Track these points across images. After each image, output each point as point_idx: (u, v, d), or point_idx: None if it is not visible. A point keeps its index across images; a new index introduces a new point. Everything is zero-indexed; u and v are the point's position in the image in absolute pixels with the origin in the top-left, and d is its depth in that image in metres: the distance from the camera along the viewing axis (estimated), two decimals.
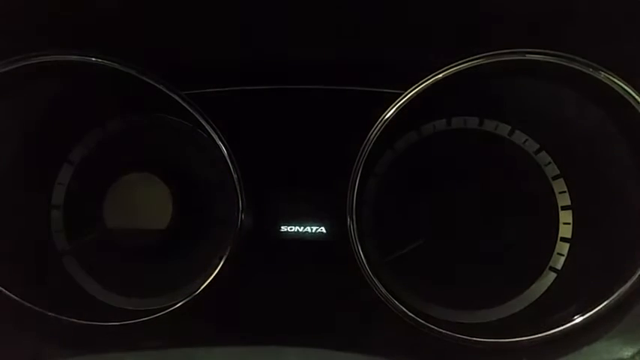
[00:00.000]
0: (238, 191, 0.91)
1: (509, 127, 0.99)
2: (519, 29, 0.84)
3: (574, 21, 0.82)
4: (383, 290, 0.88)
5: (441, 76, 0.85)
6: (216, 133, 0.90)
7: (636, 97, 0.81)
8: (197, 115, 0.89)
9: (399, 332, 0.89)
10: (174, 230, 0.95)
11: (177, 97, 0.89)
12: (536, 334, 0.85)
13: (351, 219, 0.89)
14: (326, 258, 0.98)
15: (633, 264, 0.83)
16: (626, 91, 0.81)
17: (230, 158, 0.90)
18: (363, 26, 0.88)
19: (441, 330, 0.87)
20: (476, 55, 0.84)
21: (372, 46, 0.92)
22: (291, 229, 1.00)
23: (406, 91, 0.87)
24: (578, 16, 0.81)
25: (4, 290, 0.90)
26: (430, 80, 0.85)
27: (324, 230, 0.99)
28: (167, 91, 0.89)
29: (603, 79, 0.82)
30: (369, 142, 0.89)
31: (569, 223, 0.97)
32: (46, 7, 0.83)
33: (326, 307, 0.96)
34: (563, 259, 0.97)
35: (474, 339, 0.86)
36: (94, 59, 0.87)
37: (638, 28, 0.79)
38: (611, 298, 0.83)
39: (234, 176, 0.90)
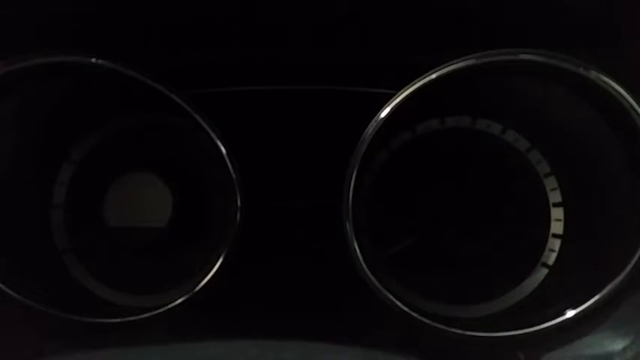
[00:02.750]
0: (237, 190, 0.91)
1: (501, 126, 1.01)
2: (512, 29, 0.85)
3: (566, 21, 0.83)
4: (379, 286, 0.89)
5: (434, 76, 0.85)
6: (216, 133, 0.90)
7: (626, 96, 0.82)
8: (197, 115, 0.90)
9: (395, 327, 0.90)
10: (174, 229, 0.95)
11: (176, 97, 0.89)
12: (529, 328, 0.86)
13: (347, 217, 0.90)
14: (323, 256, 0.99)
15: (623, 259, 0.84)
16: (617, 91, 0.82)
17: (230, 158, 0.91)
18: (359, 27, 0.89)
19: (435, 324, 0.88)
20: (469, 55, 0.85)
21: (368, 47, 0.93)
22: (289, 227, 1.00)
23: (400, 91, 0.88)
24: (569, 16, 0.82)
25: (5, 288, 0.90)
26: (424, 80, 0.86)
27: (321, 228, 1.00)
28: (167, 91, 0.89)
29: (594, 79, 0.83)
30: (364, 141, 0.89)
31: (560, 220, 0.98)
32: (45, 7, 0.83)
33: (324, 304, 0.97)
34: (554, 255, 0.98)
35: (467, 333, 0.87)
36: (94, 60, 0.87)
37: (630, 28, 0.80)
38: (602, 293, 0.84)
39: (234, 176, 0.91)
